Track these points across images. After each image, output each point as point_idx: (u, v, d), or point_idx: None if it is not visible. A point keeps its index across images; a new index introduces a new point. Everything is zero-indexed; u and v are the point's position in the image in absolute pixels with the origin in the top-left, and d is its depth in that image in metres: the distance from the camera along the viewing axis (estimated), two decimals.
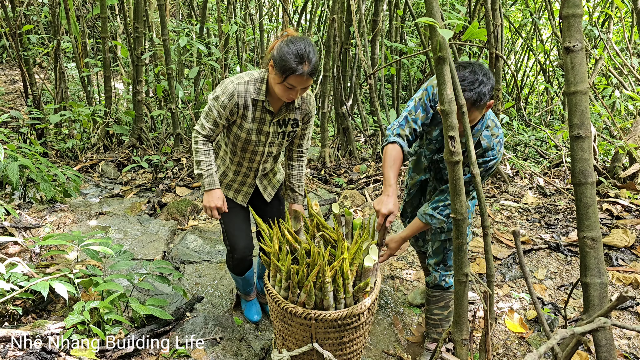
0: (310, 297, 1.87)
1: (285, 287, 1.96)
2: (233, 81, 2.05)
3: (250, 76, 2.08)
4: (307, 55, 1.87)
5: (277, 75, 1.93)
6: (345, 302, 1.92)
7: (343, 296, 1.90)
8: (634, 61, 4.89)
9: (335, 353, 2.03)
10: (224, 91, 2.05)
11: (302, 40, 1.93)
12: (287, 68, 1.88)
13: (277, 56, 1.90)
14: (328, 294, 1.87)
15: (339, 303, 1.91)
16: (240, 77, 2.07)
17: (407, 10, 5.77)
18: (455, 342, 2.23)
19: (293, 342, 2.05)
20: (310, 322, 1.90)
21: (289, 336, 2.04)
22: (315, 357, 2.05)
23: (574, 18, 1.66)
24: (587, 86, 1.68)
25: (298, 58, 1.87)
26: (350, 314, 1.89)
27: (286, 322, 2.00)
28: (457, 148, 1.82)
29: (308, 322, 1.90)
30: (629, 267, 3.00)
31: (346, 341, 2.01)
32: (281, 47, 1.90)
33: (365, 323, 2.02)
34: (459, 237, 2.01)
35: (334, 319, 1.89)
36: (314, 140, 7.08)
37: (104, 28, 5.37)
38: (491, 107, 1.97)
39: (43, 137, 5.58)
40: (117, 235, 3.61)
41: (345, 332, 1.97)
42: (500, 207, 4.03)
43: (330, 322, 1.90)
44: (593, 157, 4.29)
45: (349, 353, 2.08)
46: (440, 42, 1.72)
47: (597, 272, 1.73)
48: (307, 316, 1.89)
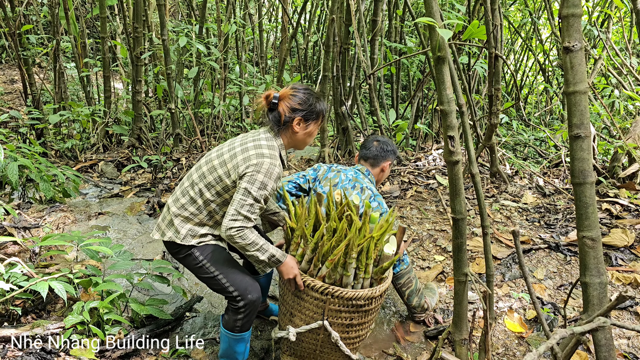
0: (334, 271, 1.92)
1: (309, 259, 1.99)
2: (272, 162, 1.92)
3: (271, 147, 1.99)
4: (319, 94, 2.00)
5: (312, 124, 2.07)
6: (362, 283, 1.97)
7: (362, 276, 1.94)
8: (633, 61, 4.89)
9: (342, 335, 2.05)
10: (270, 176, 1.90)
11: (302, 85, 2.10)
12: (320, 111, 2.07)
13: (306, 106, 2.03)
14: (350, 271, 1.91)
15: (357, 282, 1.96)
16: (272, 155, 1.95)
17: (406, 10, 5.77)
18: (455, 342, 2.23)
19: (301, 319, 2.05)
20: (326, 297, 1.93)
21: (298, 312, 2.04)
22: (320, 336, 2.06)
23: (573, 18, 1.66)
24: (587, 86, 1.68)
25: (319, 97, 2.09)
26: (366, 295, 1.94)
27: (299, 297, 2.01)
28: (457, 148, 1.82)
29: (324, 297, 1.94)
30: (628, 267, 3.00)
31: (355, 324, 2.04)
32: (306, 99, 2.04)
33: (374, 309, 2.06)
34: (459, 236, 2.02)
35: (349, 298, 1.92)
36: (313, 140, 7.09)
37: (104, 28, 5.36)
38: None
39: (42, 137, 5.57)
40: (117, 235, 3.61)
41: (356, 314, 2.01)
42: (500, 207, 4.03)
43: (345, 300, 1.94)
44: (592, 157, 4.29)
45: (354, 337, 2.10)
46: (439, 42, 1.72)
47: (596, 272, 1.73)
48: (325, 291, 1.92)
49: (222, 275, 2.00)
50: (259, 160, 1.90)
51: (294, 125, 2.02)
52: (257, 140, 1.99)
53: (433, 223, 3.82)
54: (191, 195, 2.03)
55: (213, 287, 2.06)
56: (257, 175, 1.88)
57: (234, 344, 2.08)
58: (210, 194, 2.00)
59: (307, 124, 2.05)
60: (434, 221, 3.85)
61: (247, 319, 2.03)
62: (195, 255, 2.02)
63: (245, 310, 2.00)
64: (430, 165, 5.07)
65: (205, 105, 6.37)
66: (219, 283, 2.01)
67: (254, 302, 2.00)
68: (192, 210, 2.02)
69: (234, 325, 2.03)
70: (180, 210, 2.03)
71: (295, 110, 2.01)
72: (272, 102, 2.02)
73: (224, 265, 2.02)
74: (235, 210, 1.87)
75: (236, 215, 1.86)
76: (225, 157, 1.99)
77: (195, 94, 6.09)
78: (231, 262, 2.06)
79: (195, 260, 2.02)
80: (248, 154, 1.94)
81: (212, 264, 2.01)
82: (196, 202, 2.02)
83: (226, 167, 1.96)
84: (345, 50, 4.92)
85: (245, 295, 1.99)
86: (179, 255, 2.06)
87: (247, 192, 1.87)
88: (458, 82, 2.28)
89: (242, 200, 1.87)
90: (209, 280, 2.03)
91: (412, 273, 2.60)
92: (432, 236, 3.63)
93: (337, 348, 2.06)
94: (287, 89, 2.06)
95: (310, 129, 2.07)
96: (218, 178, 1.98)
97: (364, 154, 2.66)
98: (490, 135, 4.25)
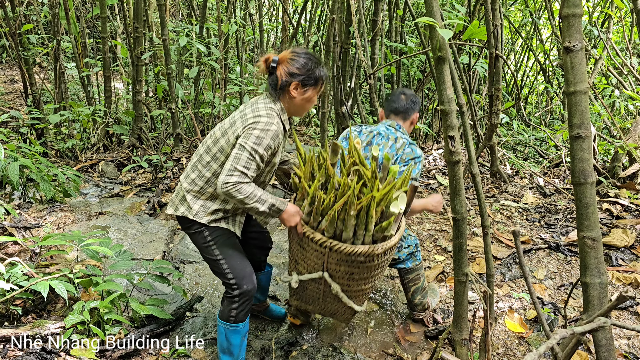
0: (331, 225, 1.88)
1: (308, 212, 1.97)
2: (269, 120, 1.91)
3: (269, 109, 1.97)
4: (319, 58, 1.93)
5: (310, 89, 2.00)
6: (364, 239, 1.92)
7: (363, 233, 1.90)
8: (633, 61, 4.89)
9: (343, 286, 2.05)
10: (266, 133, 1.89)
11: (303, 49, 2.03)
12: (319, 77, 2.00)
13: (304, 71, 1.97)
14: (349, 227, 1.87)
15: (357, 239, 1.91)
16: (270, 115, 1.94)
17: (407, 10, 5.77)
18: (455, 342, 2.23)
19: (305, 267, 2.07)
20: (325, 250, 1.92)
21: (302, 260, 2.07)
22: (322, 286, 2.08)
23: (574, 18, 1.66)
24: (587, 86, 1.68)
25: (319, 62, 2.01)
26: (364, 252, 1.90)
27: (302, 246, 2.02)
28: (457, 148, 1.82)
29: (322, 250, 1.93)
30: (628, 267, 3.00)
31: (356, 278, 2.02)
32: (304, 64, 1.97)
33: (377, 266, 2.02)
34: (459, 236, 2.02)
35: (347, 253, 1.89)
36: (313, 140, 7.08)
37: (104, 28, 5.36)
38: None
39: (43, 137, 5.58)
40: (117, 235, 3.61)
41: (357, 269, 1.98)
42: (500, 207, 4.03)
43: (343, 255, 1.91)
44: (593, 157, 4.29)
45: (356, 290, 2.09)
46: (440, 42, 1.72)
47: (596, 272, 1.73)
48: (323, 244, 1.91)
49: (224, 260, 2.04)
50: (256, 119, 1.91)
51: (291, 90, 1.99)
52: (255, 104, 2.00)
53: (433, 223, 3.82)
54: (199, 169, 2.04)
55: (213, 270, 2.12)
56: (252, 131, 1.88)
57: (230, 335, 2.11)
58: (217, 165, 2.00)
59: (304, 89, 2.00)
60: (434, 221, 3.85)
61: (241, 308, 2.07)
62: (205, 235, 2.05)
63: (240, 299, 2.05)
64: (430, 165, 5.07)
65: (206, 105, 6.37)
66: (220, 267, 2.05)
67: (248, 291, 2.05)
68: (202, 185, 2.03)
69: (229, 315, 2.07)
70: (191, 185, 2.05)
71: (293, 74, 1.97)
72: (271, 65, 2.00)
73: (228, 252, 2.06)
74: (231, 166, 1.85)
75: (232, 170, 1.85)
76: (226, 127, 2.01)
77: (196, 94, 6.08)
78: (236, 250, 2.10)
79: (204, 239, 2.06)
80: (246, 117, 1.95)
81: (218, 247, 2.05)
82: (204, 175, 2.03)
83: (227, 135, 1.98)
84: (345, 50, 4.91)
85: (242, 284, 2.03)
86: (190, 230, 2.09)
87: (242, 147, 1.87)
88: (458, 82, 2.28)
89: (237, 154, 1.86)
90: (211, 262, 2.08)
91: (422, 271, 2.61)
92: (433, 236, 3.63)
93: (339, 299, 2.08)
94: (286, 52, 2.03)
95: (308, 94, 2.01)
96: (221, 148, 1.99)
97: (394, 108, 2.52)
98: (490, 135, 4.25)
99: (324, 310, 2.27)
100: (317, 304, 2.22)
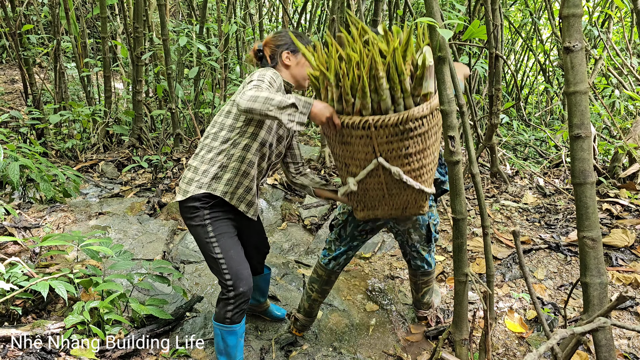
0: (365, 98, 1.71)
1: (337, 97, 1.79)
2: (275, 72, 2.00)
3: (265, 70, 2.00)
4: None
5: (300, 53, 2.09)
6: (404, 103, 1.75)
7: (401, 95, 1.73)
8: (633, 61, 4.89)
9: (403, 166, 1.86)
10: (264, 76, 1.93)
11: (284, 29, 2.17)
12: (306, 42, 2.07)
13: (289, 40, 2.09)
14: (384, 92, 1.71)
15: (397, 104, 1.75)
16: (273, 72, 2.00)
17: (407, 10, 5.77)
18: (455, 342, 2.23)
19: (356, 165, 1.90)
20: (370, 131, 1.76)
21: (350, 159, 1.90)
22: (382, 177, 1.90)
23: (574, 18, 1.66)
24: (587, 86, 1.68)
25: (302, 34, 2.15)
26: (411, 116, 1.73)
27: (345, 142, 1.85)
28: (457, 148, 1.82)
29: (367, 132, 1.76)
30: (628, 267, 3.00)
31: (412, 152, 1.83)
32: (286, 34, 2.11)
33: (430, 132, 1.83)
34: (459, 237, 2.01)
35: (394, 124, 1.73)
36: (313, 140, 7.08)
37: (104, 28, 5.36)
38: None
39: (43, 137, 5.58)
40: (117, 235, 3.60)
41: (410, 140, 1.80)
42: (500, 207, 4.03)
43: (391, 127, 1.74)
44: (593, 157, 4.29)
45: (418, 168, 1.89)
46: (440, 42, 1.72)
47: (596, 272, 1.73)
48: (366, 124, 1.75)
49: (224, 260, 2.02)
50: (251, 76, 1.96)
51: (284, 59, 2.10)
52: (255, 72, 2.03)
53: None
54: (207, 143, 2.05)
55: (211, 267, 2.10)
56: (255, 75, 1.94)
57: (226, 337, 2.10)
58: (225, 131, 2.02)
59: (295, 55, 2.11)
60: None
61: (237, 310, 2.05)
62: (208, 230, 2.02)
63: (235, 301, 2.04)
64: None
65: (206, 105, 6.37)
66: (219, 266, 2.03)
67: (244, 293, 2.03)
68: (211, 156, 2.02)
69: (224, 317, 2.06)
70: (200, 160, 2.05)
71: (279, 45, 2.11)
72: (259, 50, 2.13)
73: (229, 252, 2.04)
74: (242, 93, 1.80)
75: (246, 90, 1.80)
76: (232, 98, 2.07)
77: (196, 94, 6.09)
78: (237, 251, 2.08)
79: (206, 234, 2.03)
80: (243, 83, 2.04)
81: (219, 245, 2.03)
82: (214, 147, 2.03)
83: (232, 101, 2.04)
84: None
85: (238, 286, 2.02)
86: (193, 222, 2.04)
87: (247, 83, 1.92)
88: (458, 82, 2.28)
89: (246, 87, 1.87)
90: (211, 259, 2.06)
91: (434, 274, 2.65)
92: None
93: (404, 185, 1.88)
94: (269, 36, 2.17)
95: (299, 58, 2.11)
96: (227, 112, 2.04)
97: None
98: (490, 135, 4.25)
99: (393, 207, 2.04)
100: (384, 204, 2.01)
